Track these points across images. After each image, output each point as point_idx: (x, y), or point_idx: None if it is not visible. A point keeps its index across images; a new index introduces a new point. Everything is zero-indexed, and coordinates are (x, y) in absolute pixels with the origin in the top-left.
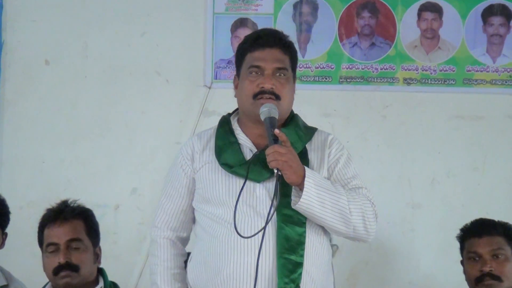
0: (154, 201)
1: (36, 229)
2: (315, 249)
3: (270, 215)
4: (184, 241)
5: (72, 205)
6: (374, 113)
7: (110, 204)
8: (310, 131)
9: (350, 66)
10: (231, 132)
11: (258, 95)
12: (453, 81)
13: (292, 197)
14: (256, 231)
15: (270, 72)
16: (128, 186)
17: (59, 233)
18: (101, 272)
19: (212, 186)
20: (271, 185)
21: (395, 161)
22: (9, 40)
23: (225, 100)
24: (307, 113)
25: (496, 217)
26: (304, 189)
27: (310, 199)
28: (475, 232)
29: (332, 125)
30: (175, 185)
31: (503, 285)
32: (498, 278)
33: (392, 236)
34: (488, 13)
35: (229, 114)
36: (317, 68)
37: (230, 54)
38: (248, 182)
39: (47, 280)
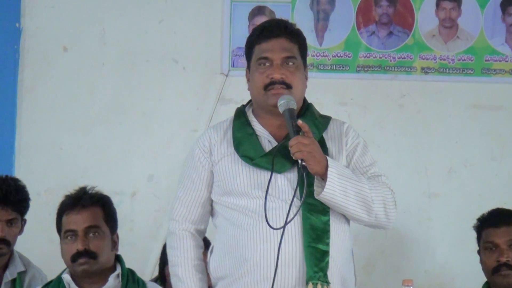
0: (170, 188)
1: (54, 216)
2: (338, 236)
3: (297, 206)
4: (202, 233)
5: (90, 192)
6: (391, 102)
7: (126, 191)
8: (326, 120)
9: (368, 55)
10: (248, 123)
11: (269, 86)
12: (472, 70)
13: (315, 187)
14: (282, 220)
15: (279, 62)
16: (144, 173)
17: (78, 220)
18: (118, 259)
19: (233, 179)
20: (292, 175)
21: (412, 150)
22: (27, 26)
23: (242, 88)
24: (324, 101)
25: None
26: (328, 179)
27: (334, 189)
28: (492, 222)
29: (349, 114)
30: (193, 178)
31: None
32: None
33: (408, 225)
34: (507, 2)
35: (244, 106)
36: (334, 56)
37: None
38: (268, 173)
39: (65, 266)
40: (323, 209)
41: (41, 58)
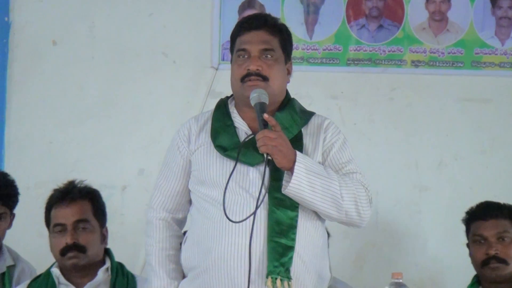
0: None
1: (43, 210)
2: (308, 232)
3: (259, 201)
4: (180, 222)
5: (79, 185)
6: (381, 96)
7: (117, 185)
8: (307, 115)
9: (358, 48)
10: (228, 115)
11: (245, 77)
12: (461, 63)
13: (284, 182)
14: (248, 214)
15: (257, 54)
16: (135, 167)
17: (66, 214)
18: (107, 252)
19: (207, 168)
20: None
21: (402, 144)
22: (16, 21)
23: None
24: (315, 94)
25: (504, 200)
26: (294, 174)
27: (300, 183)
28: (481, 215)
29: (340, 107)
30: (172, 166)
31: (509, 268)
32: (504, 261)
33: (399, 218)
34: None
35: (227, 97)
36: (325, 50)
37: None
38: (241, 165)
39: (54, 260)
40: (291, 204)
41: (30, 52)
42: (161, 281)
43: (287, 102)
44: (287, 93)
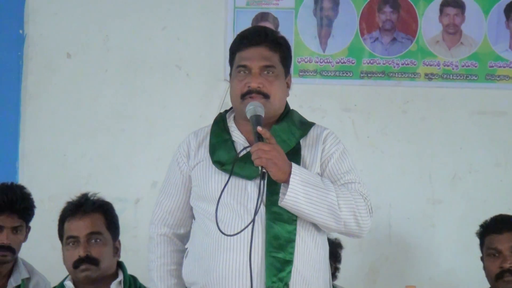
0: None
1: (57, 222)
2: (306, 247)
3: (256, 212)
4: (182, 237)
5: (92, 198)
6: (395, 109)
7: (130, 198)
8: (306, 127)
9: (371, 61)
10: (226, 129)
11: (246, 94)
12: (476, 76)
13: (280, 194)
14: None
15: (257, 71)
16: (148, 180)
17: (79, 227)
18: (120, 265)
19: (205, 184)
20: (263, 182)
21: (415, 157)
22: (31, 33)
23: None
24: (328, 107)
25: None
26: (289, 186)
27: (297, 195)
28: (495, 228)
29: (353, 120)
30: (172, 182)
31: None
32: None
33: (413, 231)
34: (511, 8)
35: (226, 111)
36: (338, 63)
37: None
38: (240, 179)
39: (67, 273)
40: (289, 218)
41: (44, 64)
42: None
43: (286, 114)
44: (287, 104)
